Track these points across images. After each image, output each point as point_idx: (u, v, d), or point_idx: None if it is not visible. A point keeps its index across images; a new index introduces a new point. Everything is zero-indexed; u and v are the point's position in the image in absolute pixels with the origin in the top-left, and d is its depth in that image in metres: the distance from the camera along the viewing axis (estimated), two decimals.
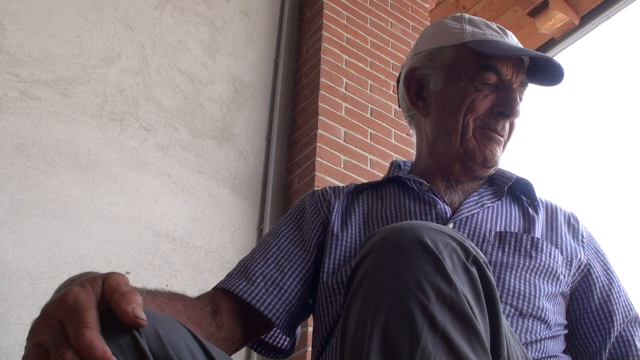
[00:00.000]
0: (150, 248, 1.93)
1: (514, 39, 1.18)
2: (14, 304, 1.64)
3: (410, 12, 2.95)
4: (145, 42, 2.26)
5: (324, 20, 2.59)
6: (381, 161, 2.39)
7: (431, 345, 0.64)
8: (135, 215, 1.95)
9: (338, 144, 2.33)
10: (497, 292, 0.74)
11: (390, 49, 2.76)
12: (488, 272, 0.73)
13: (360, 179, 2.25)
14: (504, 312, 0.96)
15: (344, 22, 2.67)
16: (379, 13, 2.82)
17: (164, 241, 1.97)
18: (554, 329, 1.02)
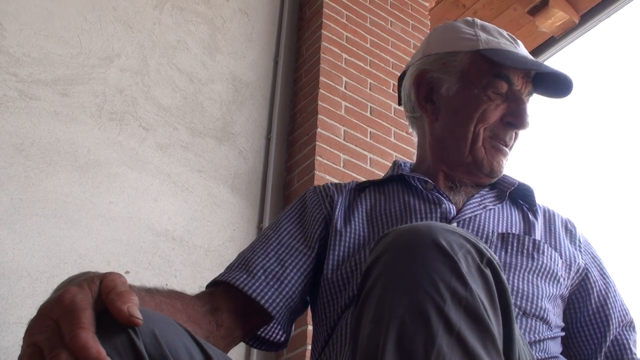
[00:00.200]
0: (150, 247, 1.94)
1: (524, 49, 1.19)
2: (14, 303, 1.64)
3: (410, 11, 2.95)
4: (144, 42, 2.26)
5: (323, 19, 2.59)
6: (381, 160, 2.39)
7: (446, 347, 0.64)
8: (134, 214, 1.95)
9: (338, 142, 2.33)
10: (510, 294, 0.74)
11: (390, 47, 2.75)
12: (501, 274, 0.73)
13: (360, 177, 2.25)
14: None
15: (344, 21, 2.67)
16: (379, 12, 2.81)
17: (163, 240, 1.97)
18: (554, 330, 1.03)
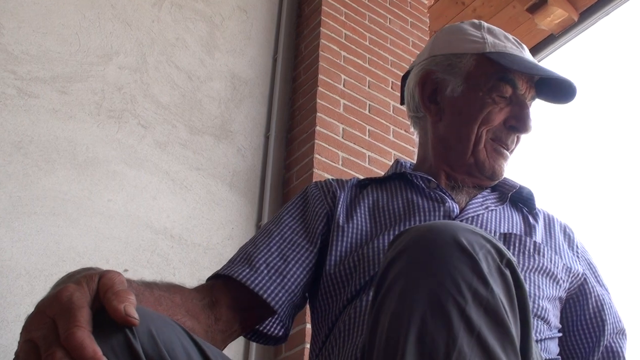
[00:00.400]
0: (149, 245, 1.94)
1: (529, 54, 1.20)
2: (12, 301, 1.64)
3: (409, 9, 2.95)
4: (143, 39, 2.26)
5: (322, 17, 2.59)
6: (379, 158, 2.39)
7: (467, 347, 0.64)
8: (133, 212, 1.95)
9: (336, 140, 2.33)
10: (528, 296, 0.73)
11: (388, 45, 2.75)
12: (520, 275, 0.73)
13: (358, 175, 2.25)
14: None
15: (343, 18, 2.67)
16: (378, 9, 2.81)
17: (162, 238, 1.97)
18: (553, 331, 1.04)
